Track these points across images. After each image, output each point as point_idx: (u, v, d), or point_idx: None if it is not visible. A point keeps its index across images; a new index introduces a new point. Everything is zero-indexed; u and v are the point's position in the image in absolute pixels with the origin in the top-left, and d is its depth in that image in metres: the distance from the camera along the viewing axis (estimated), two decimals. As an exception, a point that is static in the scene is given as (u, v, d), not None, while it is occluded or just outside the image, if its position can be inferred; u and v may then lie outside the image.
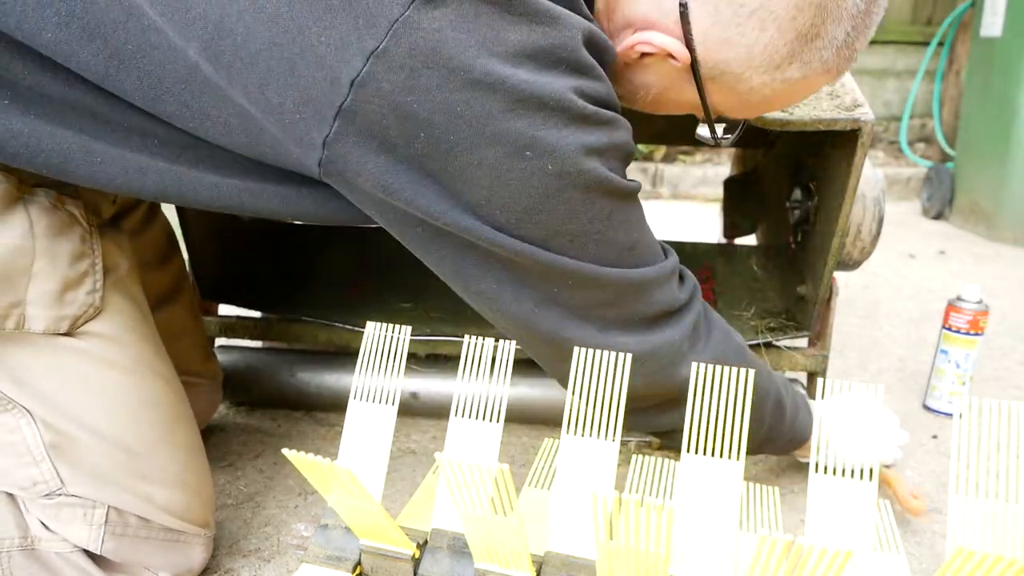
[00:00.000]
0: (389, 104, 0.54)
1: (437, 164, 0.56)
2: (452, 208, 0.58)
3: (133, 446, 0.70)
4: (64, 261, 0.67)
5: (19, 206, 0.65)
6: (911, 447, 1.10)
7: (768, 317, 1.11)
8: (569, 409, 0.68)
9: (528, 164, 0.56)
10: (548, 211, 0.59)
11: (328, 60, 0.53)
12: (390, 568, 0.71)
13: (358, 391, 0.75)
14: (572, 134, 0.57)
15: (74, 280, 0.68)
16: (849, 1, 0.59)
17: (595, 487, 0.61)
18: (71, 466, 0.69)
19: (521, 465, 1.03)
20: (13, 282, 0.65)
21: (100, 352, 0.70)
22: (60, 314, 0.67)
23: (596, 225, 0.61)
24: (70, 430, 0.68)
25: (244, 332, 1.12)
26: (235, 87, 0.57)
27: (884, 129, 3.45)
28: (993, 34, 2.36)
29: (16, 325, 0.65)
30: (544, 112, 0.55)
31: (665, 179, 3.04)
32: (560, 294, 0.64)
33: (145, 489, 0.71)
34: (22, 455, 0.68)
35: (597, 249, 0.62)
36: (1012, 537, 0.56)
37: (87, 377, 0.69)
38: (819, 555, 0.48)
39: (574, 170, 0.57)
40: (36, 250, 0.66)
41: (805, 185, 1.06)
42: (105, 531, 0.70)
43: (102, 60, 0.58)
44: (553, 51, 0.55)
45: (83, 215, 0.71)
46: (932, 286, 1.89)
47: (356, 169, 0.57)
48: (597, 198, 0.60)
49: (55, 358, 0.68)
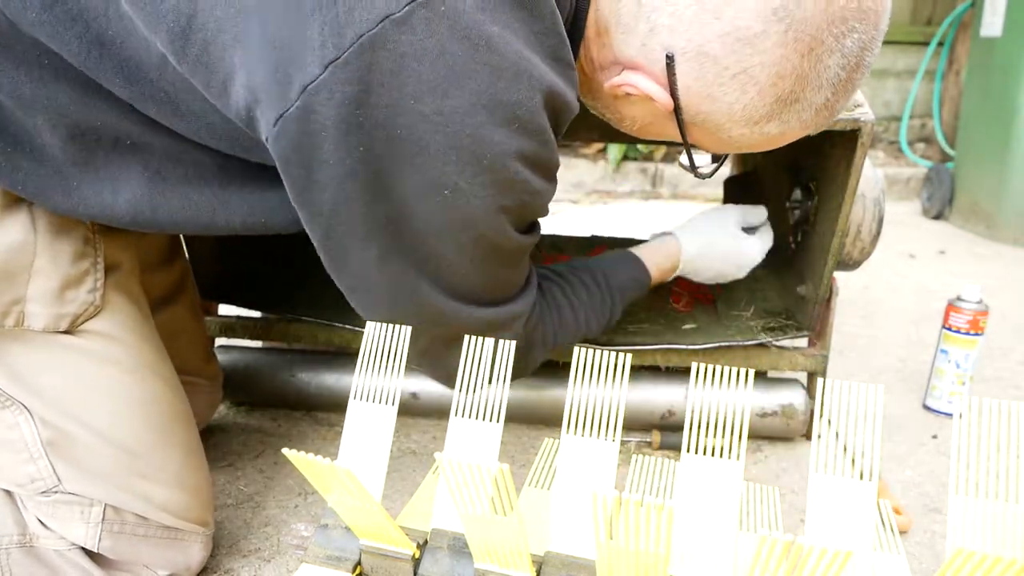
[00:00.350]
0: (337, 114, 0.54)
1: (364, 176, 0.58)
2: (361, 213, 0.60)
3: (131, 445, 0.70)
4: (65, 259, 0.68)
5: (22, 205, 0.66)
6: (911, 447, 1.10)
7: (768, 317, 1.11)
8: (569, 409, 0.68)
9: (441, 200, 0.58)
10: (441, 240, 0.62)
11: (283, 64, 0.54)
12: (390, 568, 0.71)
13: (358, 391, 0.75)
14: (493, 194, 0.59)
15: (75, 278, 0.68)
16: (831, 71, 0.60)
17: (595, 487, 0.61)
18: (68, 464, 0.69)
19: (521, 465, 1.03)
20: (14, 279, 0.65)
21: (100, 350, 0.70)
22: (60, 312, 0.67)
23: (474, 265, 0.65)
24: (68, 427, 0.68)
25: (244, 332, 1.12)
26: (198, 80, 0.58)
27: (884, 129, 3.45)
28: (993, 34, 2.36)
29: (16, 322, 0.65)
30: (476, 167, 0.57)
31: (665, 179, 3.04)
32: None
33: (143, 487, 0.71)
34: (19, 451, 0.68)
35: (461, 282, 0.66)
36: (1012, 537, 0.56)
37: (86, 375, 0.69)
38: (819, 555, 0.48)
39: (482, 222, 0.61)
40: (37, 247, 0.66)
41: (805, 185, 1.06)
42: (102, 529, 0.70)
43: (85, 45, 0.59)
44: (510, 107, 0.56)
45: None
46: (932, 286, 1.89)
47: (292, 170, 0.59)
48: (489, 248, 0.64)
49: (54, 355, 0.68)
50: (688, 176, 3.03)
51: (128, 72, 0.60)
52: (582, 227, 1.99)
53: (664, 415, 1.08)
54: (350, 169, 0.57)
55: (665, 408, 1.08)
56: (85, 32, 0.58)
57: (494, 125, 0.56)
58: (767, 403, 1.07)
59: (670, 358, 1.06)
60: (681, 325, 1.12)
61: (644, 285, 0.93)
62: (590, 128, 1.45)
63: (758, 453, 1.07)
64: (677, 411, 1.08)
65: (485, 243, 0.63)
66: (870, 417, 0.64)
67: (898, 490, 0.98)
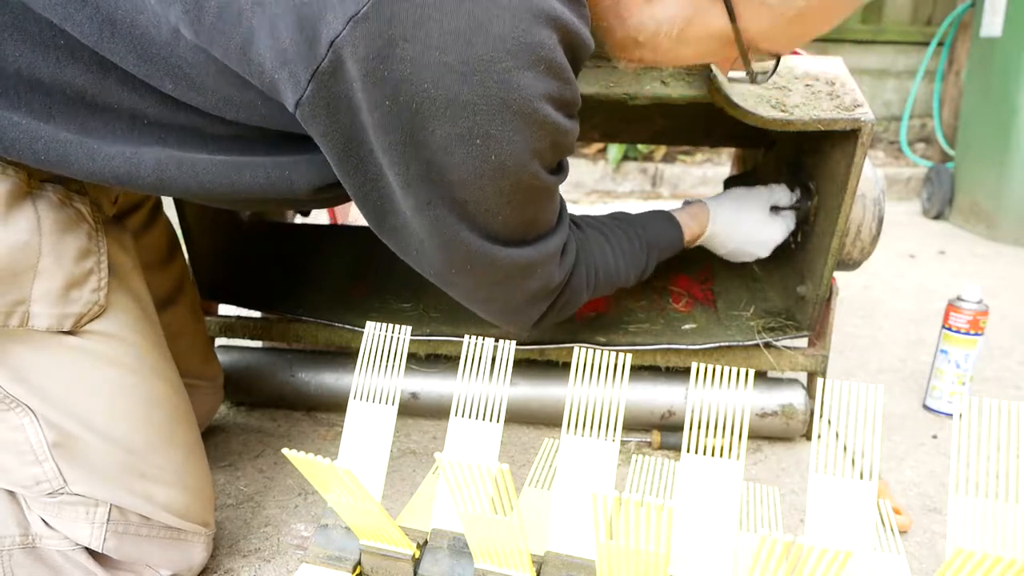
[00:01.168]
0: (362, 69, 0.54)
1: (396, 129, 0.58)
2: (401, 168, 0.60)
3: (135, 445, 0.71)
4: (70, 259, 0.68)
5: (27, 202, 0.65)
6: (911, 447, 1.10)
7: (768, 317, 1.11)
8: (569, 409, 0.68)
9: (474, 150, 0.58)
10: (476, 188, 0.61)
11: (309, 21, 0.54)
12: (390, 568, 0.71)
13: (358, 391, 0.75)
14: (526, 139, 0.59)
15: (79, 278, 0.68)
16: None
17: (595, 487, 0.61)
18: (74, 465, 0.69)
19: (521, 465, 1.03)
20: (18, 279, 0.65)
21: (104, 351, 0.70)
22: (64, 312, 0.67)
23: (510, 208, 0.65)
24: (73, 429, 0.68)
25: (244, 332, 1.12)
26: (216, 48, 0.58)
27: (884, 129, 3.45)
28: (993, 34, 2.36)
29: (20, 322, 0.65)
30: (506, 114, 0.57)
31: (665, 179, 3.04)
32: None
33: (146, 488, 0.71)
34: (25, 454, 0.68)
35: (498, 225, 0.66)
36: (1012, 537, 0.56)
37: (90, 376, 0.69)
38: (819, 555, 0.48)
39: (515, 167, 0.60)
40: (42, 247, 0.66)
41: (805, 185, 1.06)
42: (107, 529, 0.70)
43: (96, 24, 0.59)
44: (533, 50, 0.56)
45: (90, 212, 0.71)
46: (932, 286, 1.89)
47: (323, 129, 0.59)
48: (522, 190, 0.64)
49: (58, 356, 0.68)
50: (688, 176, 3.03)
51: (141, 49, 0.60)
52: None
53: (664, 415, 1.08)
54: (381, 123, 0.57)
55: (665, 408, 1.08)
56: (95, 13, 0.59)
57: (520, 69, 0.56)
58: (767, 403, 1.07)
59: (670, 358, 1.06)
60: (681, 325, 1.12)
61: (677, 245, 0.95)
62: (590, 128, 1.45)
63: (758, 453, 1.07)
64: (677, 411, 1.08)
65: (518, 187, 0.63)
66: (870, 417, 0.64)
67: (898, 490, 0.98)
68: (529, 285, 0.73)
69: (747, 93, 0.90)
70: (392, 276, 1.25)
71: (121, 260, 0.74)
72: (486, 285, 0.71)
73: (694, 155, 3.19)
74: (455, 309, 1.18)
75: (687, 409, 0.65)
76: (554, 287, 0.75)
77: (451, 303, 1.21)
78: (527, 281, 0.72)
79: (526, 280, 0.72)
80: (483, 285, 0.71)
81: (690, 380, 0.66)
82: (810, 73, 0.95)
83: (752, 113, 0.88)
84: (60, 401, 0.68)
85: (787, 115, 0.88)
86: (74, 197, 0.69)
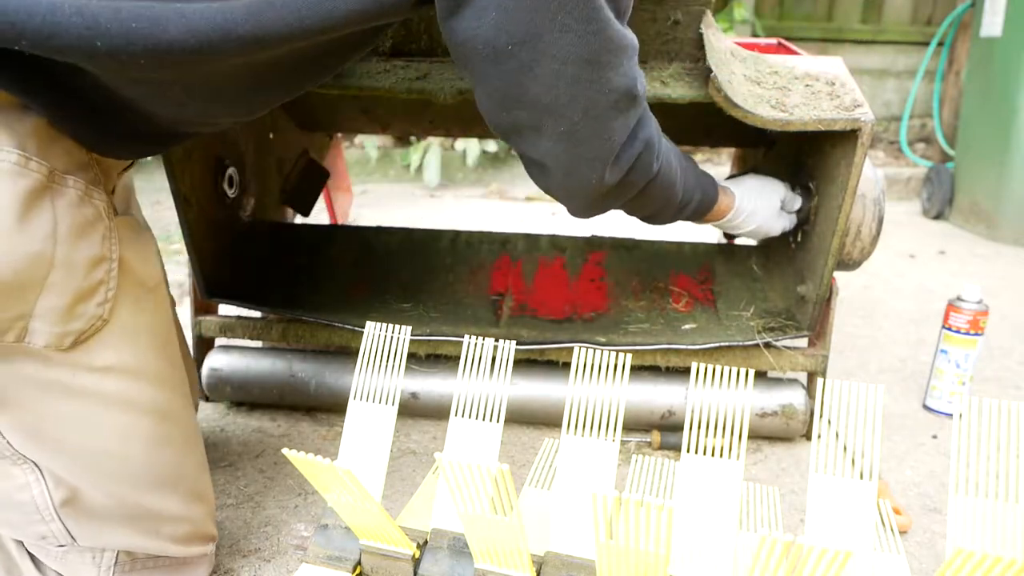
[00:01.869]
0: None
1: None
2: None
3: (143, 489, 0.69)
4: (81, 271, 0.63)
5: (46, 202, 0.60)
6: (911, 447, 1.10)
7: (768, 317, 1.11)
8: (569, 409, 0.68)
9: None
10: None
11: None
12: (390, 568, 0.71)
13: (358, 391, 0.75)
14: None
15: (87, 291, 0.64)
16: None
17: (595, 487, 0.61)
18: (82, 523, 0.67)
19: (521, 465, 1.03)
20: (24, 293, 0.60)
21: (111, 390, 0.66)
22: (66, 330, 0.63)
23: None
24: (81, 485, 0.66)
25: (244, 332, 1.12)
26: None
27: (884, 129, 3.44)
28: (993, 34, 2.36)
29: (16, 338, 0.60)
30: None
31: (665, 179, 3.04)
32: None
33: (154, 526, 0.70)
34: (31, 513, 0.66)
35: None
36: (1012, 537, 0.56)
37: (100, 423, 0.66)
38: (819, 555, 0.48)
39: None
40: (55, 258, 0.61)
41: (805, 185, 1.06)
42: (115, 572, 0.70)
43: None
44: None
45: (107, 207, 0.66)
46: (932, 286, 1.89)
47: None
48: None
49: (66, 404, 0.65)
50: (688, 176, 3.03)
51: None
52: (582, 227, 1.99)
53: (664, 415, 1.08)
54: None
55: (665, 408, 1.08)
56: None
57: None
58: (767, 403, 1.07)
59: (670, 358, 1.06)
60: (681, 325, 1.12)
61: (711, 202, 0.96)
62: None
63: (758, 453, 1.07)
64: (677, 411, 1.08)
65: None
66: (870, 417, 0.64)
67: (898, 490, 0.98)
68: (615, 79, 0.67)
69: (747, 93, 0.90)
70: (392, 276, 1.25)
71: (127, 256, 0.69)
72: (573, 61, 0.64)
73: (694, 155, 3.19)
74: (455, 309, 1.18)
75: (687, 409, 0.65)
76: (638, 98, 0.71)
77: (451, 303, 1.21)
78: (615, 72, 0.66)
79: (616, 67, 0.66)
80: (571, 61, 0.64)
81: (690, 380, 0.66)
82: (810, 73, 0.95)
83: (752, 113, 0.88)
84: (68, 456, 0.65)
85: (787, 115, 0.88)
86: (93, 192, 0.64)
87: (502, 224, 2.41)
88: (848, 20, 3.35)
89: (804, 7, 3.36)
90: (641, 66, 0.98)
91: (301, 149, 1.45)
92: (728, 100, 0.88)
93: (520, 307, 1.18)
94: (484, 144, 2.99)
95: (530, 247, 1.27)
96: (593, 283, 1.22)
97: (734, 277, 1.21)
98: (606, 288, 1.21)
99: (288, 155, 1.40)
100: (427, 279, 1.24)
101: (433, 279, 1.24)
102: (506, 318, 1.15)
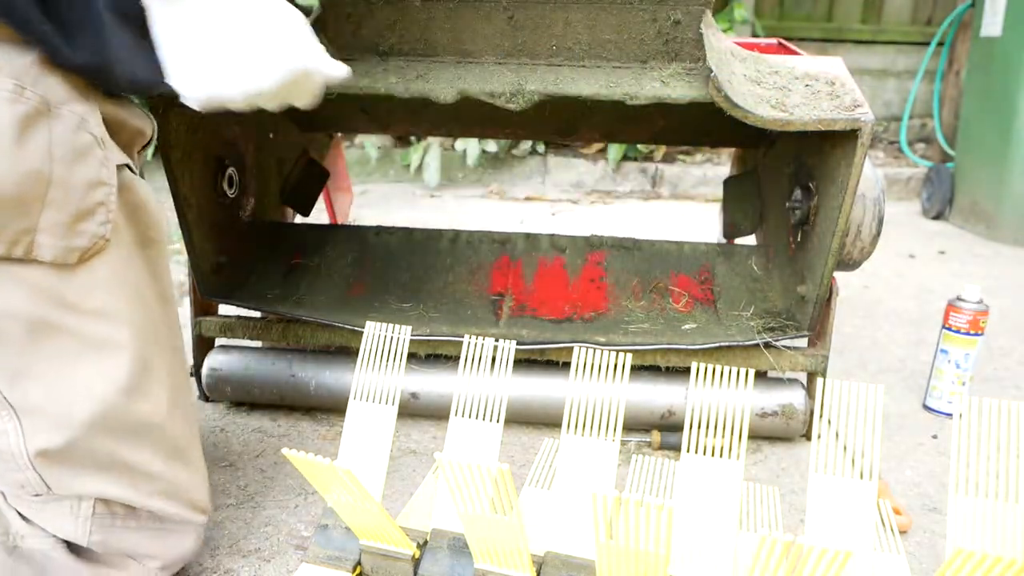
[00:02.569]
0: None
1: None
2: None
3: (122, 438, 0.69)
4: (79, 191, 0.66)
5: (42, 126, 0.63)
6: (911, 447, 1.10)
7: (768, 317, 1.11)
8: (569, 409, 0.68)
9: None
10: None
11: None
12: (390, 568, 0.71)
13: (358, 391, 0.75)
14: None
15: (87, 210, 0.67)
16: None
17: (595, 487, 0.61)
18: (58, 472, 0.67)
19: (521, 465, 1.03)
20: (27, 208, 0.63)
21: (96, 333, 0.68)
22: (70, 245, 0.66)
23: None
24: (59, 434, 0.66)
25: (244, 332, 1.12)
26: None
27: (884, 129, 3.44)
28: (993, 34, 2.36)
29: (24, 252, 0.64)
30: None
31: (665, 179, 3.04)
32: None
33: (129, 479, 0.70)
34: (7, 461, 0.67)
35: None
36: (1012, 537, 0.56)
37: (81, 371, 0.67)
38: (819, 555, 0.48)
39: None
40: (53, 177, 0.64)
41: (805, 185, 1.06)
42: (92, 523, 0.69)
43: None
44: None
45: (103, 138, 0.68)
46: (932, 286, 1.89)
47: None
48: None
49: (49, 349, 0.66)
50: (688, 176, 3.03)
51: None
52: (582, 227, 1.99)
53: (664, 415, 1.08)
54: None
55: (665, 408, 1.08)
56: None
57: None
58: (767, 403, 1.07)
59: (670, 358, 1.06)
60: (681, 325, 1.12)
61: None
62: (590, 128, 1.45)
63: (758, 453, 1.07)
64: (677, 411, 1.08)
65: None
66: (870, 417, 0.64)
67: (898, 490, 0.98)
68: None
69: (747, 93, 0.90)
70: (392, 276, 1.25)
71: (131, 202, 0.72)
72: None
73: (694, 155, 3.19)
74: (455, 309, 1.18)
75: (687, 409, 0.65)
76: None
77: (450, 303, 1.21)
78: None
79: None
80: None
81: (690, 380, 0.66)
82: (810, 73, 0.95)
83: (752, 113, 0.88)
84: (48, 403, 0.66)
85: (787, 115, 0.88)
86: (89, 122, 0.67)
87: (502, 224, 2.41)
88: (848, 20, 3.35)
89: (804, 7, 3.36)
90: (641, 66, 0.99)
91: (301, 149, 1.45)
92: (728, 100, 0.88)
93: (520, 307, 1.18)
94: (484, 144, 2.99)
95: (530, 247, 1.27)
96: (593, 283, 1.22)
97: (734, 277, 1.21)
98: (606, 288, 1.21)
99: (288, 155, 1.40)
100: (427, 279, 1.24)
101: (433, 279, 1.24)
102: (506, 318, 1.15)
